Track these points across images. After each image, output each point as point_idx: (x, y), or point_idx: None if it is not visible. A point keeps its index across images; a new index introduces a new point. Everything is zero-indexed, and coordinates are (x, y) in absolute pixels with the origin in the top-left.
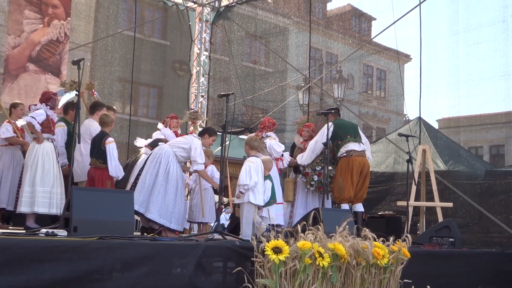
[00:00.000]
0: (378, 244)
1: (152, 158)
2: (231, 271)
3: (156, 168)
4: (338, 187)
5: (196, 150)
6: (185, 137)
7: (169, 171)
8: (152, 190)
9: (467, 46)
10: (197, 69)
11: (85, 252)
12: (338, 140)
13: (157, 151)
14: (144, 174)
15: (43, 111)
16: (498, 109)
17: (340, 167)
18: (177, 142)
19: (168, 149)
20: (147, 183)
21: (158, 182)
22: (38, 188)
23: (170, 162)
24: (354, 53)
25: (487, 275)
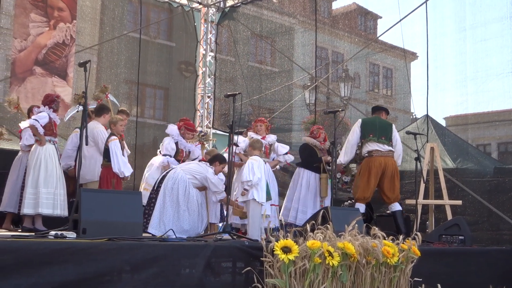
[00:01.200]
0: (387, 243)
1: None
2: (240, 271)
3: (175, 194)
4: (357, 186)
5: (212, 182)
6: (199, 166)
7: (189, 196)
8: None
9: (474, 43)
10: (203, 70)
11: (94, 254)
12: (362, 138)
13: (172, 176)
14: (161, 200)
15: (46, 114)
16: (506, 105)
17: (360, 167)
18: (191, 170)
19: (183, 175)
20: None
21: (181, 207)
22: (42, 190)
23: (187, 187)
24: (360, 52)
25: (498, 273)
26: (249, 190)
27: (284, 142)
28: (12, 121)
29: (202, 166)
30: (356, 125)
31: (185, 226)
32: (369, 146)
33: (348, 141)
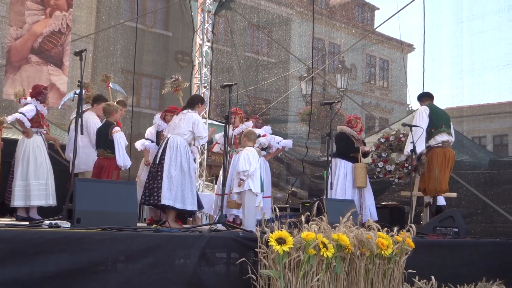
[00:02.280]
0: (382, 235)
1: (171, 150)
2: (234, 262)
3: (179, 161)
4: (435, 178)
5: (199, 125)
6: (184, 117)
7: (189, 161)
8: (182, 184)
9: (471, 35)
10: (200, 60)
11: (89, 244)
12: (432, 128)
13: (172, 144)
14: (167, 169)
15: (33, 106)
16: (502, 98)
17: (435, 158)
18: (183, 128)
19: (182, 140)
20: (174, 177)
21: (186, 174)
22: (33, 182)
23: (188, 152)
24: (357, 43)
25: (491, 265)
26: (245, 180)
27: (280, 133)
28: (8, 109)
29: (187, 116)
30: (423, 113)
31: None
32: (442, 136)
33: (417, 129)
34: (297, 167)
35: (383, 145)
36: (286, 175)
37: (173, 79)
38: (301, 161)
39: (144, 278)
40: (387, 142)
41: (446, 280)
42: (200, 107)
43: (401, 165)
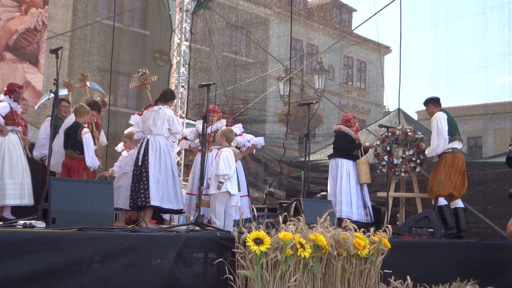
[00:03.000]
0: (359, 235)
1: (154, 152)
2: (212, 262)
3: (163, 161)
4: (440, 181)
5: (174, 122)
6: (158, 115)
7: (172, 161)
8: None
9: (447, 37)
10: (178, 59)
11: (64, 244)
12: (448, 134)
13: (154, 145)
14: (152, 170)
15: (6, 103)
16: (476, 101)
17: (443, 162)
18: (160, 127)
19: (163, 140)
20: (160, 178)
21: (170, 173)
22: (7, 181)
23: (171, 152)
24: (335, 44)
25: (466, 265)
26: (224, 183)
27: (258, 133)
28: None
29: (162, 113)
30: (442, 119)
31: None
32: (454, 144)
33: (441, 130)
34: (274, 167)
35: (388, 139)
36: (264, 175)
37: (140, 73)
38: (278, 161)
39: (121, 278)
40: (393, 136)
41: (421, 280)
42: (172, 103)
43: (408, 159)
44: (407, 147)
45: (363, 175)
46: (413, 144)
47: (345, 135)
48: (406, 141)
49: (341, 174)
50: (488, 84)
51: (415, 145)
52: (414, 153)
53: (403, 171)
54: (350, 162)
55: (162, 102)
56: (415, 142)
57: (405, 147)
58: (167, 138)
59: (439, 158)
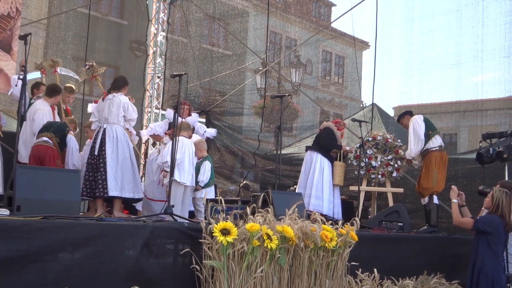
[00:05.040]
0: (326, 227)
1: (111, 141)
2: (179, 253)
3: (120, 150)
4: (434, 179)
5: (128, 108)
6: (113, 102)
7: (130, 149)
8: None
9: (421, 33)
10: (154, 50)
11: (28, 232)
12: (429, 130)
13: (111, 134)
14: (110, 160)
15: None
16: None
17: (433, 160)
18: (115, 115)
19: (120, 129)
20: (118, 167)
21: (128, 162)
22: None
23: (127, 140)
24: (312, 38)
25: (434, 259)
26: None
27: (234, 126)
28: None
29: (116, 101)
30: (418, 119)
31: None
32: (436, 139)
33: (417, 132)
34: (249, 160)
35: (369, 143)
36: (239, 168)
37: (87, 67)
38: (253, 154)
39: (85, 267)
40: (374, 141)
41: (389, 273)
42: (125, 89)
43: (386, 163)
44: (386, 153)
45: (337, 177)
46: (392, 150)
47: (331, 133)
48: (385, 146)
49: (314, 168)
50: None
51: (394, 151)
52: (393, 158)
53: (380, 174)
54: (324, 160)
55: (115, 90)
56: (394, 148)
57: (383, 153)
58: (123, 126)
59: (428, 157)
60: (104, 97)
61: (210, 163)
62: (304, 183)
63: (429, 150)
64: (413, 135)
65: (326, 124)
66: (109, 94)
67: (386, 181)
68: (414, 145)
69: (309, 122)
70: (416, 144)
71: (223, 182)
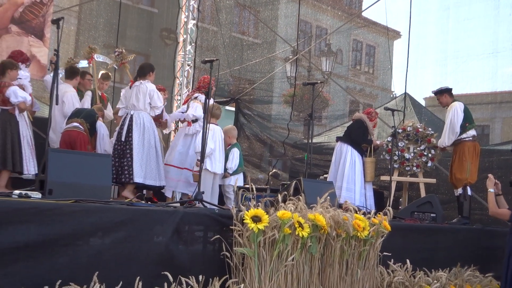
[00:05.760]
0: (359, 216)
1: (138, 128)
2: (209, 239)
3: (146, 138)
4: (467, 170)
5: (153, 96)
6: (139, 90)
7: (155, 137)
8: (152, 160)
9: (457, 22)
10: (184, 37)
11: (59, 215)
12: (467, 122)
13: (138, 121)
14: (136, 147)
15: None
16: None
17: (467, 150)
18: (142, 102)
19: (147, 116)
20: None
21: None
22: None
23: (154, 127)
24: (343, 26)
25: (467, 251)
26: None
27: (264, 114)
28: None
29: (143, 88)
30: (459, 109)
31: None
32: (472, 131)
33: (455, 124)
34: (278, 149)
35: (400, 135)
36: (268, 156)
37: (116, 53)
38: (282, 143)
39: (115, 252)
40: (404, 132)
41: (421, 264)
42: (151, 76)
43: (419, 154)
44: (418, 143)
45: (368, 173)
46: (424, 140)
47: (363, 125)
48: (417, 137)
49: (344, 160)
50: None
51: (426, 140)
52: (426, 148)
53: (415, 165)
54: (356, 152)
55: (141, 77)
56: (426, 138)
57: (415, 143)
58: (149, 113)
59: (461, 147)
60: (131, 84)
61: (239, 150)
62: (335, 175)
63: (462, 140)
64: (449, 125)
65: (358, 116)
66: (136, 82)
67: (419, 172)
68: (448, 136)
69: (339, 112)
70: (450, 135)
71: (251, 171)
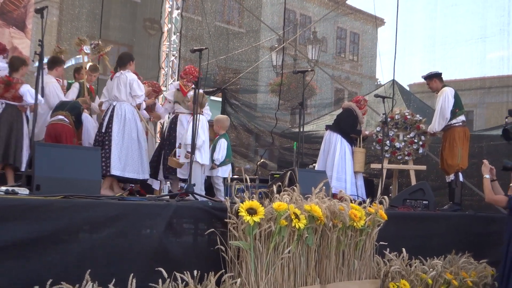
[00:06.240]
0: (355, 206)
1: (119, 119)
2: (203, 233)
3: (127, 129)
4: (458, 155)
5: (133, 84)
6: (120, 80)
7: (138, 129)
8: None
9: (445, 7)
10: (169, 27)
11: (49, 212)
12: (457, 108)
13: (119, 112)
14: (115, 138)
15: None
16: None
17: (457, 136)
18: (124, 93)
19: (129, 107)
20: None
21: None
22: None
23: (136, 119)
24: (329, 14)
25: (460, 237)
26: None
27: (250, 103)
28: None
29: (122, 79)
30: (449, 94)
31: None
32: (461, 117)
33: (445, 109)
34: (266, 138)
35: (388, 124)
36: (255, 146)
37: (93, 45)
38: (270, 132)
39: (108, 248)
40: (393, 121)
41: (416, 252)
42: (131, 65)
43: (410, 142)
44: (407, 130)
45: (358, 163)
46: (413, 127)
47: (353, 115)
48: (405, 124)
49: (334, 149)
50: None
51: (416, 126)
52: (416, 135)
53: (407, 154)
54: (345, 142)
55: (121, 67)
56: (415, 124)
57: (405, 130)
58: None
59: (451, 133)
60: (112, 76)
61: (227, 141)
62: (324, 163)
63: (452, 126)
64: (440, 110)
65: (347, 104)
66: (117, 73)
67: (410, 159)
68: (439, 121)
69: (327, 100)
70: (440, 120)
71: (239, 161)
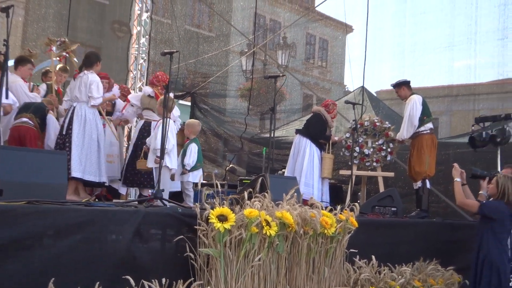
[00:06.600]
0: (326, 213)
1: (79, 120)
2: (171, 240)
3: (88, 131)
4: (426, 162)
5: (91, 86)
6: (82, 80)
7: (98, 130)
8: (92, 155)
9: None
10: (138, 30)
11: (11, 218)
12: (424, 115)
13: (79, 113)
14: (75, 140)
15: None
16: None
17: (425, 143)
18: (85, 94)
19: (89, 109)
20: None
21: (95, 144)
22: None
23: (97, 120)
24: (299, 20)
25: (428, 244)
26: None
27: (219, 108)
28: None
29: (84, 79)
30: (417, 102)
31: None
32: (430, 124)
33: (413, 117)
34: (235, 143)
35: (358, 130)
36: (224, 151)
37: (59, 42)
38: (239, 137)
39: (74, 255)
40: (362, 127)
41: (385, 259)
42: (98, 65)
43: (378, 149)
44: (376, 137)
45: (326, 169)
46: (382, 134)
47: (322, 120)
48: (374, 131)
49: (303, 154)
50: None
51: (384, 134)
52: (384, 142)
53: (375, 160)
54: (315, 148)
55: (87, 67)
56: (383, 132)
57: (373, 137)
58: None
59: (419, 140)
60: (76, 75)
61: (198, 146)
62: (293, 168)
63: (420, 133)
64: (408, 117)
65: (316, 109)
66: (81, 73)
67: (378, 166)
68: (407, 128)
69: (297, 105)
70: (409, 127)
71: (207, 166)
